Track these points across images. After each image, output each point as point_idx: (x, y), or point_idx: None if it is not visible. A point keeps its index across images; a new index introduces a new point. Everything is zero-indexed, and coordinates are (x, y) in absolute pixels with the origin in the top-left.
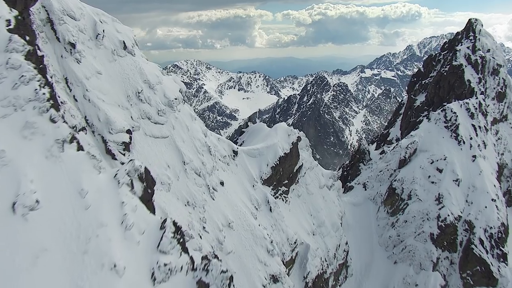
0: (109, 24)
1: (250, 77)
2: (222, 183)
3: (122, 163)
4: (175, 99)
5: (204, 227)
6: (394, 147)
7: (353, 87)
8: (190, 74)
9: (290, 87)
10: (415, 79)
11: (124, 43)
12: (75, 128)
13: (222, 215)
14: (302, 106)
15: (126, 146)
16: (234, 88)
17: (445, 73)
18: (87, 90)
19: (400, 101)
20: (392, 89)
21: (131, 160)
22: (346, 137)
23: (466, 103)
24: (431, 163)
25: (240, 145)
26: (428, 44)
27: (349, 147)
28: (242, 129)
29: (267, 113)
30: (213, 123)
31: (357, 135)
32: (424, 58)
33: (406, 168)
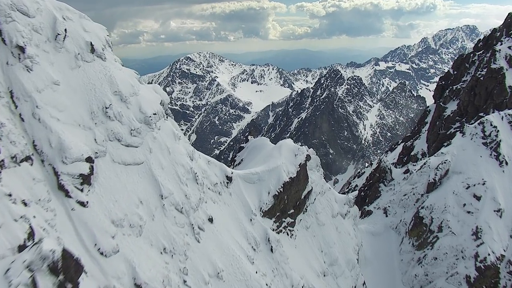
0: (74, 22)
1: (263, 69)
2: (210, 220)
3: (80, 202)
4: (154, 114)
5: (185, 281)
6: (421, 167)
7: (367, 80)
8: (203, 66)
9: (304, 80)
10: (443, 82)
11: (91, 44)
12: (15, 159)
13: (209, 263)
14: (315, 100)
15: (85, 179)
16: (247, 80)
17: (481, 78)
18: (37, 106)
19: (426, 108)
20: (406, 82)
21: (35, 243)
22: (360, 132)
23: (509, 114)
24: (467, 188)
25: (239, 163)
26: (443, 37)
27: (363, 141)
28: (242, 145)
29: (280, 106)
30: (225, 116)
31: (371, 130)
32: (439, 50)
33: (436, 193)
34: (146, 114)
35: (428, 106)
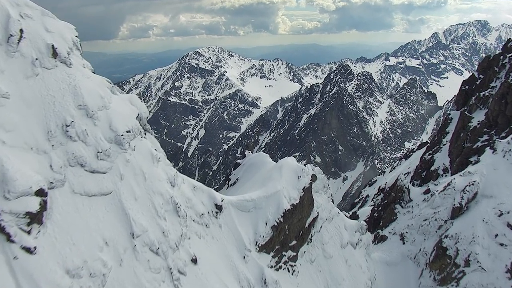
0: (35, 20)
1: (272, 64)
2: (194, 261)
3: (25, 248)
4: (128, 131)
5: None
6: (444, 188)
7: (377, 75)
8: (212, 61)
9: (313, 75)
10: (466, 87)
11: (53, 48)
12: None
13: None
14: (324, 96)
15: (34, 218)
16: (256, 75)
17: None
18: None
19: (447, 115)
20: (417, 78)
21: None
22: (370, 128)
23: None
24: (499, 216)
25: (234, 183)
26: (454, 32)
27: (372, 138)
28: (238, 161)
29: (289, 101)
30: (234, 111)
31: (381, 126)
32: (450, 45)
33: (463, 220)
34: (117, 132)
35: (450, 114)
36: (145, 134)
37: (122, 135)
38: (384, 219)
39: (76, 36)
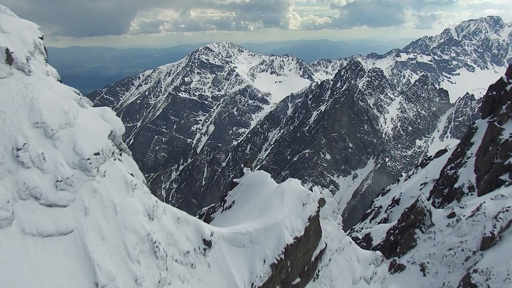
0: None
1: (282, 60)
2: None
3: None
4: (97, 154)
5: None
6: (473, 214)
7: (388, 72)
8: (222, 56)
9: (324, 71)
10: (494, 92)
11: (7, 52)
12: None
13: None
14: (335, 92)
15: None
16: (266, 71)
17: None
18: None
19: (470, 124)
20: (428, 74)
21: None
22: (381, 125)
23: None
24: None
25: (229, 206)
26: (466, 28)
27: (383, 136)
28: (235, 180)
29: (300, 97)
30: (244, 107)
31: (392, 123)
32: (462, 41)
33: (495, 253)
34: (83, 155)
35: (475, 123)
36: (120, 155)
37: (88, 159)
38: (401, 245)
39: (41, 38)
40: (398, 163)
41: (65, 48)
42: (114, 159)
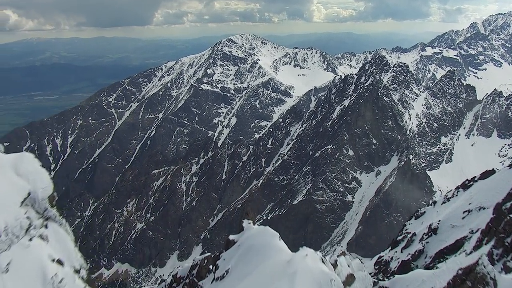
0: None
1: (306, 53)
2: None
3: None
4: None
5: None
6: None
7: (412, 66)
8: (245, 49)
9: (348, 64)
10: None
11: None
12: None
13: None
14: (359, 87)
15: None
16: (290, 64)
17: None
18: None
19: None
20: (455, 69)
21: None
22: (405, 122)
23: None
24: None
25: (222, 276)
26: (493, 22)
27: (408, 132)
28: (231, 237)
29: (323, 91)
30: (266, 100)
31: (417, 120)
32: (489, 36)
33: None
34: None
35: None
36: (46, 227)
37: None
38: None
39: None
40: (422, 161)
41: (89, 39)
42: (30, 239)
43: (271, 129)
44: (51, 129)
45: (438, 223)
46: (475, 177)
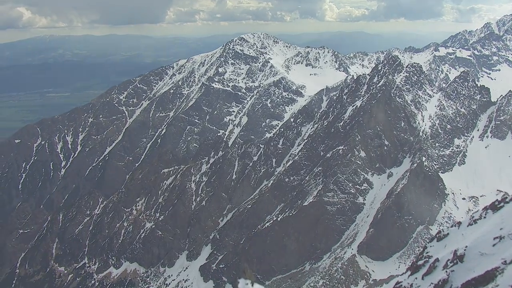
0: None
1: (318, 52)
2: None
3: None
4: None
5: None
6: None
7: (425, 66)
8: (257, 47)
9: (360, 64)
10: None
11: None
12: None
13: None
14: (371, 88)
15: None
16: (301, 63)
17: None
18: None
19: None
20: (468, 70)
21: None
22: (418, 123)
23: None
24: None
25: None
26: (508, 22)
27: (420, 134)
28: None
29: (334, 91)
30: (278, 99)
31: (430, 121)
32: (504, 36)
33: None
34: None
35: None
36: None
37: None
38: None
39: None
40: (435, 163)
41: (102, 36)
42: None
43: (282, 129)
44: (62, 126)
45: (464, 250)
46: (506, 197)
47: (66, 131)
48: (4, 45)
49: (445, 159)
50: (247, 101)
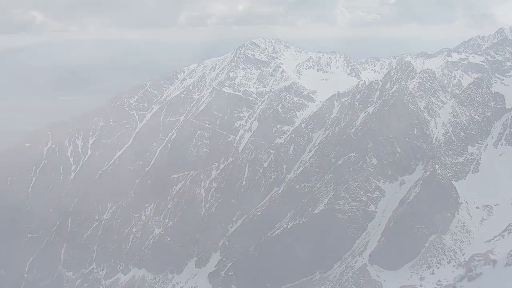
0: None
1: (330, 57)
2: None
3: None
4: None
5: None
6: None
7: (438, 72)
8: (268, 52)
9: (372, 69)
10: None
11: None
12: None
13: None
14: (384, 94)
15: None
16: (313, 68)
17: None
18: None
19: None
20: (482, 76)
21: None
22: (431, 130)
23: None
24: None
25: None
26: None
27: (434, 141)
28: None
29: (346, 96)
30: (289, 104)
31: (443, 128)
32: None
33: None
34: None
35: None
36: None
37: None
38: None
39: None
40: (448, 171)
41: (114, 40)
42: None
43: (293, 135)
44: (73, 130)
45: None
46: None
47: (76, 135)
48: (17, 48)
49: (458, 167)
50: (258, 106)
